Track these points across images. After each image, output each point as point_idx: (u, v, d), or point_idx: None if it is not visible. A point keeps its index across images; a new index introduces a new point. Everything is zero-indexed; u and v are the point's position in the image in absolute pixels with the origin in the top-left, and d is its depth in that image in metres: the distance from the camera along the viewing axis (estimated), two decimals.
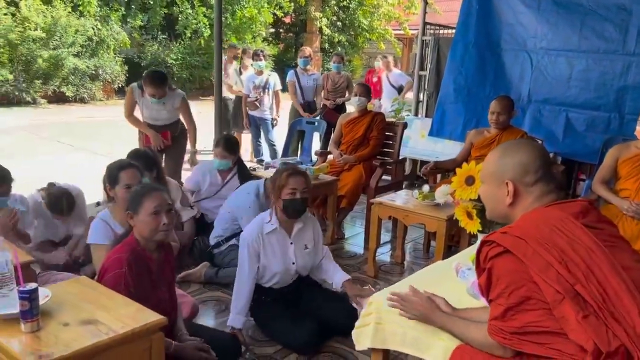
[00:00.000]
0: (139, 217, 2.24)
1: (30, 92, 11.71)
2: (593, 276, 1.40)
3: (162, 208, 2.25)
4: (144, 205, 2.23)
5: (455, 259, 2.41)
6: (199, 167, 4.23)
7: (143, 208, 2.23)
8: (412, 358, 2.72)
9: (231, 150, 4.13)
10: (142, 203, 2.24)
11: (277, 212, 2.89)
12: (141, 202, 2.24)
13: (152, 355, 1.84)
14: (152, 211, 2.22)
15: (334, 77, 6.78)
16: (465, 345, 1.70)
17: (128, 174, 2.90)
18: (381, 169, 4.73)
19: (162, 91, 4.29)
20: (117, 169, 2.93)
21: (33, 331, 1.71)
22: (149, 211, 2.22)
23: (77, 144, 8.24)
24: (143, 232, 2.24)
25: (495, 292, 1.50)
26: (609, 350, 1.33)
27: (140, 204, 2.24)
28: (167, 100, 4.41)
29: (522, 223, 1.53)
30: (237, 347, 2.68)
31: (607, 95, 4.92)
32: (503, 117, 3.98)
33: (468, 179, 2.21)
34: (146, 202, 2.24)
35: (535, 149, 1.62)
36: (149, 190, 2.31)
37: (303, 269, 3.03)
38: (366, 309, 2.12)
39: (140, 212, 2.24)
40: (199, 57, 14.94)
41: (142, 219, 2.23)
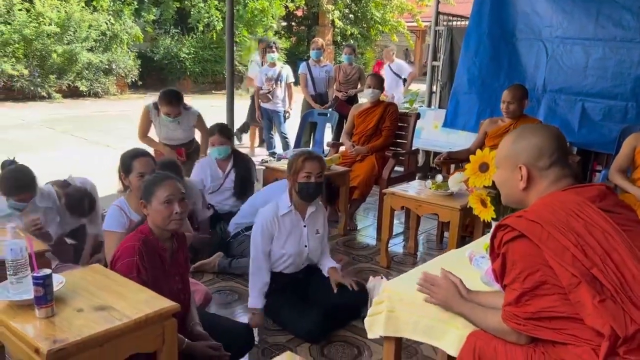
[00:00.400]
0: (152, 206, 2.24)
1: (45, 87, 11.82)
2: (610, 260, 1.37)
3: (174, 197, 2.25)
4: (157, 194, 2.24)
5: (469, 247, 2.38)
6: (198, 166, 4.18)
7: (155, 197, 2.24)
8: (425, 346, 2.74)
9: (228, 135, 4.12)
10: (154, 192, 2.25)
11: (293, 195, 2.94)
12: (154, 191, 2.25)
13: (165, 341, 1.85)
14: (164, 200, 2.22)
15: (346, 69, 6.75)
16: (478, 331, 1.68)
17: (141, 162, 2.93)
18: (394, 160, 4.70)
19: (177, 110, 4.25)
20: (131, 157, 2.95)
21: (47, 317, 1.72)
22: (161, 200, 2.22)
23: (91, 137, 8.31)
24: (156, 220, 2.25)
25: (510, 277, 1.48)
26: (627, 335, 1.31)
27: (153, 193, 2.25)
28: (182, 119, 4.37)
29: (538, 207, 1.51)
30: (250, 337, 2.68)
31: (624, 84, 4.84)
32: (513, 106, 3.93)
33: (482, 166, 2.18)
34: (159, 191, 2.24)
35: (551, 133, 1.59)
36: (161, 179, 2.31)
37: (314, 254, 3.06)
38: (378, 297, 2.11)
39: (152, 201, 2.24)
40: (211, 51, 14.97)
41: (155, 208, 2.23)
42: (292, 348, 2.76)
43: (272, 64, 6.64)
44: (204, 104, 12.42)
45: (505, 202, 1.71)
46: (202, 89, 15.03)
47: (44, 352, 1.56)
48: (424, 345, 2.75)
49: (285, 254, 2.95)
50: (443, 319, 1.89)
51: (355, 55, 7.07)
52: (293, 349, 2.74)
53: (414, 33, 20.66)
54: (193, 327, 2.40)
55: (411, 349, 2.76)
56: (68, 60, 12.06)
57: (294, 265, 3.00)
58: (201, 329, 2.41)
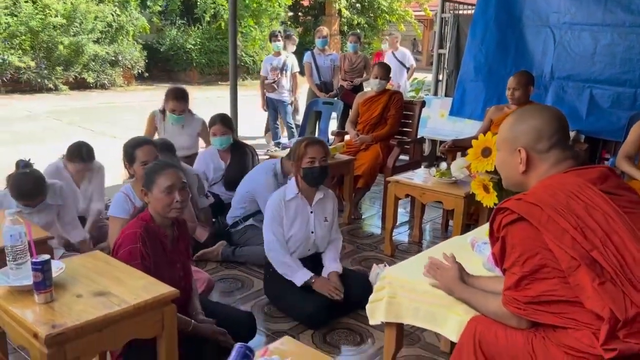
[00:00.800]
0: (153, 194, 2.25)
1: (52, 79, 11.85)
2: (610, 242, 1.35)
3: (175, 186, 2.25)
4: (158, 183, 2.24)
5: (471, 234, 2.36)
6: (200, 157, 4.17)
7: (156, 185, 2.24)
8: (428, 333, 2.73)
9: (229, 124, 4.11)
10: (155, 180, 2.25)
11: (299, 181, 2.95)
12: (155, 180, 2.25)
13: (164, 326, 1.86)
14: (165, 188, 2.22)
15: (351, 58, 6.70)
16: (479, 316, 1.67)
17: (144, 151, 2.95)
18: (398, 149, 4.67)
19: (183, 106, 4.27)
20: (133, 147, 2.97)
21: (47, 302, 1.73)
22: (162, 188, 2.22)
23: (98, 129, 8.32)
24: (157, 208, 2.25)
25: (510, 260, 1.46)
26: (627, 318, 1.29)
27: (154, 182, 2.25)
28: (187, 123, 4.36)
29: (537, 190, 1.48)
30: (252, 325, 2.67)
31: (633, 70, 4.76)
32: (518, 92, 3.88)
33: (484, 151, 2.15)
34: (159, 179, 2.24)
35: (551, 115, 1.56)
36: (162, 167, 2.31)
37: (322, 241, 3.05)
38: (379, 283, 2.10)
39: (153, 189, 2.24)
40: (217, 42, 14.93)
41: (156, 196, 2.24)
42: (295, 335, 2.75)
43: (277, 53, 6.60)
44: (210, 95, 12.43)
45: (505, 185, 1.68)
46: (208, 80, 15.02)
47: (42, 336, 1.56)
48: (427, 332, 2.74)
49: (292, 237, 2.96)
50: (444, 305, 1.88)
51: (360, 43, 7.02)
52: (296, 336, 2.73)
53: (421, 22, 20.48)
54: (196, 316, 2.40)
55: (414, 336, 2.75)
56: (74, 52, 12.08)
57: (301, 250, 3.00)
58: (204, 317, 2.41)
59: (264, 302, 3.10)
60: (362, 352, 2.66)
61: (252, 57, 15.22)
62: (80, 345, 1.64)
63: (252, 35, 15.16)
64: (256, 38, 15.24)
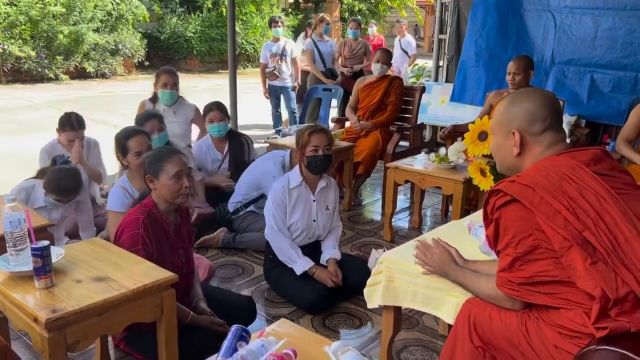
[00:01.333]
0: (160, 181, 2.24)
1: (52, 68, 11.84)
2: (603, 223, 1.35)
3: (183, 172, 2.27)
4: (165, 169, 2.24)
5: (468, 218, 2.37)
6: (196, 149, 4.14)
7: (164, 172, 2.24)
8: (427, 317, 2.75)
9: (226, 111, 4.09)
10: (163, 167, 2.25)
11: (303, 169, 2.96)
12: (162, 166, 2.25)
13: (163, 311, 1.88)
14: (173, 174, 2.23)
15: (351, 44, 6.66)
16: (474, 298, 1.68)
17: (136, 141, 2.90)
18: (398, 135, 4.66)
19: (174, 80, 4.20)
20: (125, 138, 2.93)
21: (47, 287, 1.75)
22: (170, 175, 2.23)
23: (99, 118, 8.33)
24: (165, 195, 2.25)
25: (503, 242, 1.47)
26: (617, 297, 1.30)
27: (161, 168, 2.25)
28: (179, 109, 4.28)
29: (531, 171, 1.49)
30: (252, 309, 2.70)
31: (634, 54, 4.73)
32: (519, 77, 3.87)
33: (481, 135, 2.16)
34: (167, 166, 2.25)
35: (544, 97, 1.56)
36: (169, 154, 2.31)
37: (323, 229, 3.07)
38: (377, 267, 2.12)
39: (161, 176, 2.24)
40: (218, 30, 14.86)
41: (164, 183, 2.24)
42: (295, 319, 2.78)
43: (276, 39, 6.55)
44: (211, 83, 12.40)
45: (500, 169, 1.69)
46: (209, 69, 14.98)
47: (42, 320, 1.58)
48: (426, 316, 2.76)
49: (294, 224, 2.97)
50: (441, 288, 1.89)
51: (360, 30, 6.98)
52: (295, 320, 2.76)
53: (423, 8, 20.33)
54: (197, 302, 2.43)
55: (413, 319, 2.77)
56: (74, 41, 12.04)
57: (303, 237, 3.01)
58: (205, 305, 2.43)
59: (264, 287, 3.13)
60: (362, 336, 2.68)
61: (253, 44, 15.16)
62: (80, 329, 1.67)
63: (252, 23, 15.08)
64: (257, 25, 15.16)
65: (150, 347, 2.06)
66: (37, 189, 2.99)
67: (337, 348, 1.36)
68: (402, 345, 2.56)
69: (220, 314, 2.42)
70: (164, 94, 4.19)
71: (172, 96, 4.22)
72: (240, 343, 1.38)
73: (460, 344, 1.67)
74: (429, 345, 2.58)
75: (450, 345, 1.71)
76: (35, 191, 2.99)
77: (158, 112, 3.68)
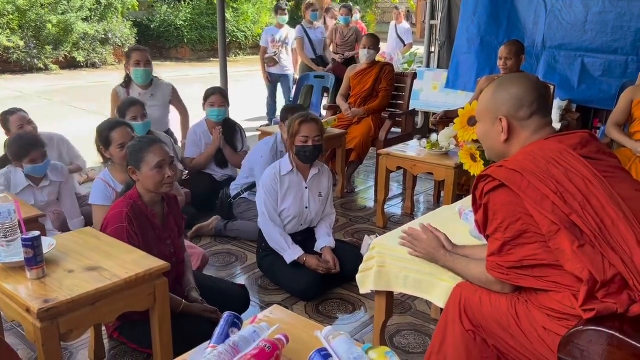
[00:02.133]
0: (143, 172, 2.23)
1: (41, 58, 11.70)
2: (590, 206, 1.37)
3: (165, 161, 2.25)
4: (147, 160, 2.23)
5: (459, 203, 2.39)
6: (191, 135, 4.10)
7: (146, 162, 2.22)
8: (419, 301, 2.77)
9: (226, 97, 4.04)
10: (144, 158, 2.23)
11: (292, 157, 2.95)
12: (143, 157, 2.23)
13: (156, 299, 1.89)
14: (155, 165, 2.22)
15: (343, 30, 6.63)
16: (465, 282, 1.70)
17: (119, 133, 2.84)
18: (390, 121, 4.66)
19: (146, 56, 4.08)
20: (108, 129, 2.87)
21: (38, 278, 1.75)
22: (152, 165, 2.22)
23: (90, 107, 8.27)
24: (148, 186, 2.24)
25: (492, 227, 1.49)
26: (605, 279, 1.32)
27: (143, 159, 2.23)
28: (156, 91, 4.16)
29: (518, 156, 1.50)
30: (246, 297, 2.71)
31: (624, 38, 4.75)
32: (511, 61, 3.87)
33: (470, 120, 2.16)
34: (148, 156, 2.23)
35: (530, 82, 1.56)
36: (149, 143, 2.29)
37: (316, 216, 3.08)
38: (369, 253, 2.13)
39: (143, 167, 2.23)
40: (208, 17, 14.71)
41: (146, 174, 2.22)
42: (289, 306, 2.80)
43: (280, 26, 6.47)
44: (202, 72, 12.31)
45: (488, 156, 1.70)
46: (200, 57, 14.85)
47: (34, 311, 1.59)
48: (418, 301, 2.78)
49: (285, 211, 2.97)
50: (432, 272, 1.91)
51: (352, 16, 6.93)
52: (289, 308, 2.78)
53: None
54: (189, 292, 2.42)
55: (406, 304, 2.80)
56: (63, 30, 11.90)
57: (294, 224, 3.01)
58: (197, 294, 2.42)
59: (258, 275, 3.15)
60: (355, 321, 2.71)
61: (244, 32, 15.03)
62: (73, 319, 1.67)
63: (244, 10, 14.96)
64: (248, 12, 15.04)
65: (144, 336, 2.07)
66: (15, 172, 2.99)
67: (329, 333, 1.37)
68: (395, 330, 2.59)
69: (214, 302, 2.42)
70: (137, 72, 4.03)
71: (147, 74, 4.06)
72: (233, 329, 1.39)
73: (451, 328, 1.69)
74: (421, 329, 2.60)
75: (442, 329, 1.73)
76: (14, 175, 2.99)
77: (138, 100, 3.62)
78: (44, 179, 3.08)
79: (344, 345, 1.31)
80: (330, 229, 3.12)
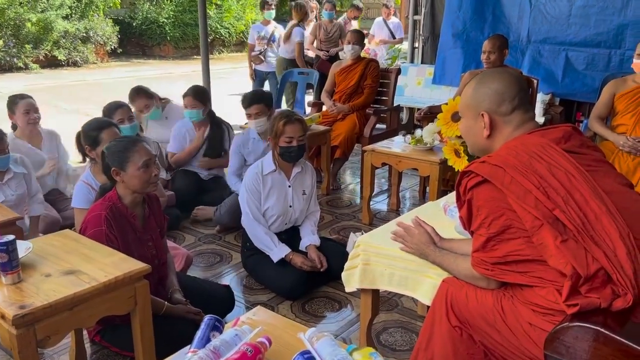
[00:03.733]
0: (129, 172, 2.17)
1: (21, 57, 11.51)
2: (573, 201, 1.36)
3: (151, 160, 2.21)
4: (132, 160, 2.17)
5: (444, 198, 2.38)
6: (176, 131, 4.05)
7: (132, 163, 2.17)
8: (405, 299, 2.76)
9: (200, 98, 3.95)
10: (130, 157, 2.18)
11: (275, 156, 2.93)
12: (129, 157, 2.18)
13: (137, 302, 1.85)
14: (142, 164, 2.17)
15: (327, 26, 6.58)
16: (451, 278, 1.69)
17: (109, 133, 2.76)
18: (375, 118, 4.64)
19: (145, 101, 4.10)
20: (97, 129, 2.80)
21: (14, 283, 1.71)
22: (138, 165, 2.17)
23: (71, 106, 8.16)
24: (134, 186, 2.19)
25: (476, 222, 1.47)
26: (588, 274, 1.31)
27: (128, 159, 2.18)
28: (170, 114, 4.22)
29: (501, 152, 1.49)
30: (231, 298, 2.68)
31: (607, 32, 4.78)
32: (494, 55, 3.86)
33: (454, 115, 2.15)
34: (134, 156, 2.18)
35: (511, 77, 1.55)
36: (133, 144, 2.24)
37: (300, 214, 3.05)
38: (354, 251, 2.11)
39: (129, 167, 2.17)
40: (191, 14, 14.56)
41: (132, 174, 2.17)
42: (274, 306, 2.77)
43: (267, 22, 6.40)
44: (185, 69, 12.20)
45: (471, 151, 1.68)
46: (183, 55, 14.71)
47: (10, 317, 1.54)
48: (405, 298, 2.77)
49: (269, 210, 2.94)
50: (417, 269, 1.90)
51: (336, 11, 6.89)
52: (275, 307, 2.75)
53: None
54: (172, 293, 2.38)
55: (392, 301, 2.78)
56: (43, 29, 11.71)
57: (279, 223, 2.99)
58: (181, 295, 2.38)
59: (243, 274, 3.11)
60: (342, 319, 2.68)
61: (228, 29, 14.92)
62: (51, 325, 1.63)
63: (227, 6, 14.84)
64: (231, 8, 14.92)
65: (126, 340, 2.03)
66: None
67: (312, 334, 1.35)
68: (382, 327, 2.57)
69: (198, 304, 2.38)
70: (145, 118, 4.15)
71: (156, 115, 4.19)
72: (214, 333, 1.36)
73: (438, 324, 1.68)
74: (408, 326, 2.59)
75: (429, 325, 1.72)
76: None
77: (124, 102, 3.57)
78: (7, 172, 3.02)
79: (327, 347, 1.29)
80: (314, 227, 3.09)
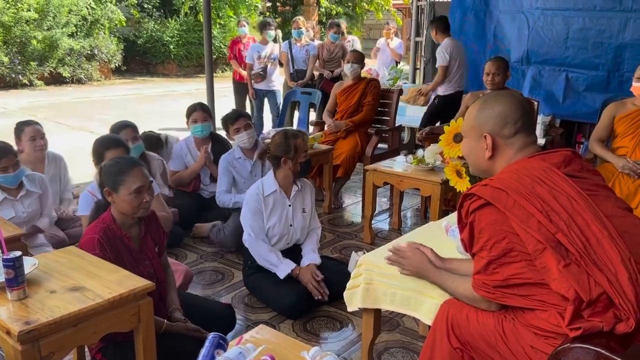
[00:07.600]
0: (120, 195, 2.14)
1: (26, 74, 11.64)
2: (575, 225, 1.37)
3: (145, 186, 2.17)
4: (126, 184, 2.14)
5: (445, 219, 2.39)
6: (177, 152, 4.08)
7: (125, 186, 2.14)
8: (407, 318, 2.76)
9: (209, 112, 4.04)
10: (123, 181, 2.14)
11: (277, 176, 2.96)
12: (122, 180, 2.14)
13: (140, 320, 1.85)
14: (134, 190, 2.13)
15: (329, 47, 6.66)
16: (451, 299, 1.69)
17: (114, 154, 2.77)
18: (377, 137, 4.68)
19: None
20: (104, 147, 2.84)
21: (20, 299, 1.71)
22: (131, 190, 2.13)
23: (75, 124, 8.21)
24: (124, 209, 2.17)
25: (478, 245, 1.49)
26: (591, 298, 1.32)
27: (122, 182, 2.14)
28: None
29: (504, 175, 1.51)
30: (232, 316, 2.67)
31: (605, 54, 4.85)
32: (498, 77, 3.91)
33: (456, 137, 2.18)
34: (127, 180, 2.14)
35: (515, 100, 1.58)
36: (129, 166, 2.19)
37: (301, 232, 3.07)
38: (356, 270, 2.12)
39: (121, 190, 2.14)
40: (195, 34, 14.76)
41: (123, 198, 2.14)
42: (276, 324, 2.77)
43: (265, 42, 6.48)
44: (189, 87, 12.32)
45: (473, 172, 1.70)
46: (187, 73, 14.88)
47: (15, 333, 1.55)
48: (406, 318, 2.77)
49: (271, 229, 2.96)
50: (419, 289, 1.91)
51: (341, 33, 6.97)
52: (276, 326, 2.75)
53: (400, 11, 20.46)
54: (172, 312, 2.35)
55: (393, 321, 2.78)
56: (49, 46, 11.86)
57: (282, 243, 3.00)
58: (181, 314, 2.36)
59: (245, 293, 3.11)
60: (343, 339, 2.68)
61: None
62: (55, 341, 1.63)
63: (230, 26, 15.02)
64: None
65: (128, 357, 2.02)
66: None
67: (315, 353, 1.36)
68: (383, 347, 2.57)
69: (199, 322, 2.36)
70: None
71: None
72: (218, 351, 1.37)
73: (438, 345, 1.68)
74: (409, 346, 2.59)
75: (429, 346, 1.72)
76: None
77: (132, 122, 3.58)
78: (21, 189, 3.03)
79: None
80: (315, 245, 3.10)
